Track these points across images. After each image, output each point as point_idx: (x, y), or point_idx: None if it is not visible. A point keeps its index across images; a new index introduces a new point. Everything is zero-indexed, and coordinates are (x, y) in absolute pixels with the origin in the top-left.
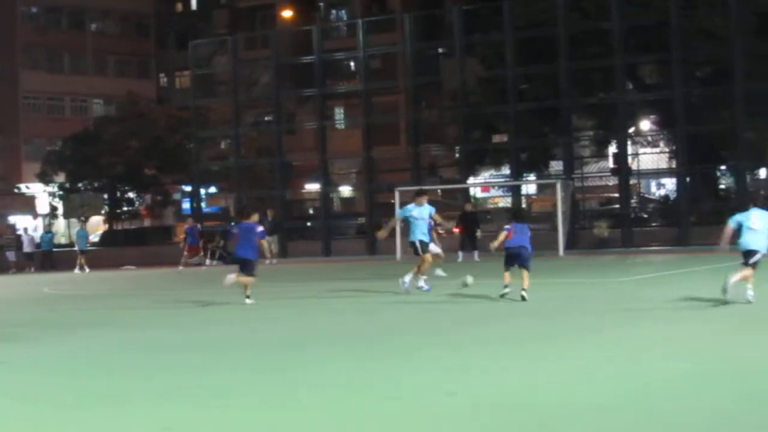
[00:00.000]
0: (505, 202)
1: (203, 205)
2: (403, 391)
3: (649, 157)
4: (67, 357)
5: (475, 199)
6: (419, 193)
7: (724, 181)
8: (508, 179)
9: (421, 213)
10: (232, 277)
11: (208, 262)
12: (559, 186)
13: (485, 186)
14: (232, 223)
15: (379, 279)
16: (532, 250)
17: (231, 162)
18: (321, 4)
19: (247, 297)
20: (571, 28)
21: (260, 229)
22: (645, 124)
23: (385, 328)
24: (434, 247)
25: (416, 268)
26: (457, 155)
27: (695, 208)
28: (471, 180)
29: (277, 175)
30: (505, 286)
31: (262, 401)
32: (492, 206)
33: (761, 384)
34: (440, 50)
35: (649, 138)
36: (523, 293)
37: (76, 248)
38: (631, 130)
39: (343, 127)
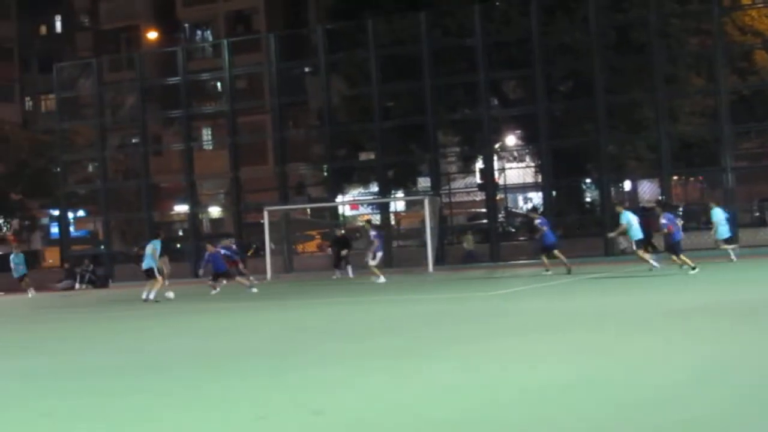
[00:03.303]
0: (374, 219)
1: (71, 229)
2: (268, 410)
3: (515, 172)
4: None
5: (344, 217)
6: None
7: (589, 194)
8: (376, 196)
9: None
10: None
11: (77, 285)
12: (426, 202)
13: (354, 204)
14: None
15: (246, 299)
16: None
17: (98, 185)
18: (185, 25)
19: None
20: (434, 45)
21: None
22: (510, 139)
23: (250, 347)
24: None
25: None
26: (324, 173)
27: (561, 221)
28: (339, 198)
29: (144, 197)
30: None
31: (118, 425)
32: (361, 224)
33: (635, 393)
34: (305, 69)
35: (515, 153)
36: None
37: None
38: (497, 145)
39: (210, 147)
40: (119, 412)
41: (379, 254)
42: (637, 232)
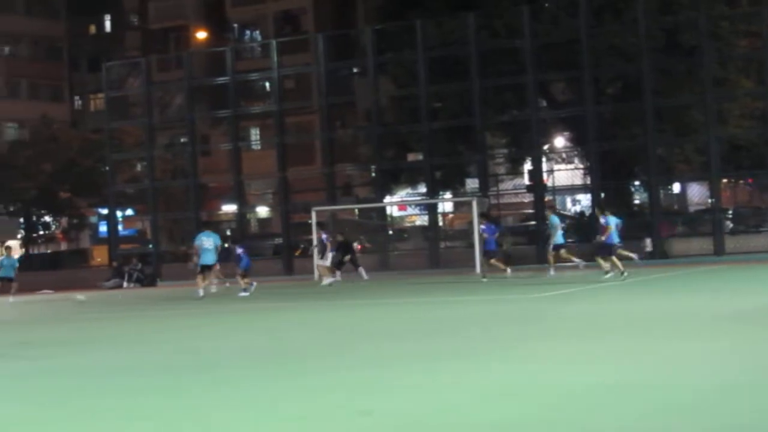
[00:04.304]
0: (422, 220)
1: (120, 227)
2: (310, 411)
3: (564, 174)
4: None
5: (392, 217)
6: None
7: (637, 196)
8: (424, 197)
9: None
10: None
11: (125, 284)
12: (474, 203)
13: (401, 204)
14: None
15: (289, 299)
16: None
17: (146, 184)
18: (234, 25)
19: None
20: (482, 46)
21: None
22: (559, 141)
23: (295, 348)
24: None
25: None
26: (372, 174)
27: None
28: (387, 199)
29: (192, 197)
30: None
31: (158, 425)
32: (409, 225)
33: (670, 397)
34: (354, 70)
35: (563, 154)
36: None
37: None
38: (545, 146)
39: (258, 147)
40: (166, 411)
41: (331, 255)
42: (558, 238)
